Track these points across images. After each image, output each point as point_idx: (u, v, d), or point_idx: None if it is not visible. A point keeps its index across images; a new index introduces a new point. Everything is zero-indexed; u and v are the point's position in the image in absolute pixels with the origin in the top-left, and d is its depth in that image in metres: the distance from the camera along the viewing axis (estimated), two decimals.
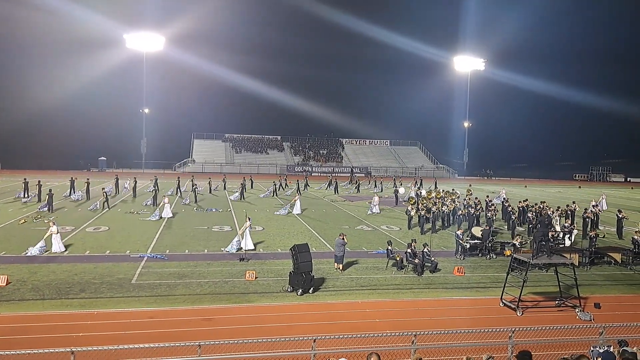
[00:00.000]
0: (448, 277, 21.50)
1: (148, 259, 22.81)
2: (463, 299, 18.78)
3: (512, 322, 15.70)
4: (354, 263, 23.15)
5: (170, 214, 35.18)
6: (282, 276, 20.25)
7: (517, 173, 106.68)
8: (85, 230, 29.53)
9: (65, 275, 19.72)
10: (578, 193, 65.29)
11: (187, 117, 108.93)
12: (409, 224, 33.51)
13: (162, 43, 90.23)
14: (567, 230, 28.03)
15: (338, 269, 21.70)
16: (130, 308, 16.41)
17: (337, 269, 21.71)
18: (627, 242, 27.72)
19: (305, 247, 19.11)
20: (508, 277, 17.93)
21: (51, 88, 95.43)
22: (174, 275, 20.25)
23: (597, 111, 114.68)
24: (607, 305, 17.96)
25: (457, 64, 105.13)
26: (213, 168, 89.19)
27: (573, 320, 16.28)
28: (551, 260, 17.64)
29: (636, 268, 24.01)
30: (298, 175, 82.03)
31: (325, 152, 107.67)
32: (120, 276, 19.91)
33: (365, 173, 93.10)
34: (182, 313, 16.16)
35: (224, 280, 19.77)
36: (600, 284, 21.22)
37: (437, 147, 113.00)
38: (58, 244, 23.81)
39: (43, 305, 16.43)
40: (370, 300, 18.16)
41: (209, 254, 24.41)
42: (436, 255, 23.78)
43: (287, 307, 17.12)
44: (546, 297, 18.88)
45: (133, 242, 26.56)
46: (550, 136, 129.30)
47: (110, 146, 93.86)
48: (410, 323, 15.60)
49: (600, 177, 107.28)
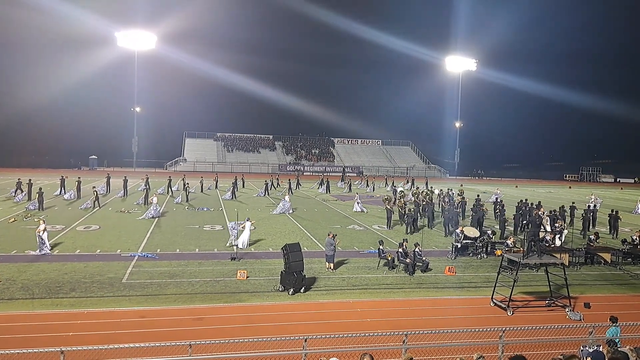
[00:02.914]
0: (439, 277, 21.55)
1: (139, 258, 22.71)
2: (454, 299, 18.84)
3: (502, 321, 15.75)
4: (345, 262, 23.16)
5: (158, 214, 34.58)
6: (273, 275, 20.22)
7: (508, 173, 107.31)
8: (76, 229, 29.37)
9: (55, 274, 19.60)
10: (568, 193, 65.65)
11: (178, 116, 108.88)
12: (389, 224, 33.57)
13: (154, 41, 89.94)
14: (557, 230, 28.17)
15: (329, 269, 21.71)
16: (120, 307, 16.32)
17: (329, 269, 21.71)
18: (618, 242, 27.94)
19: (296, 247, 19.10)
20: (499, 277, 18.00)
21: (42, 86, 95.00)
22: (164, 275, 20.17)
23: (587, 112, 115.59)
24: (596, 305, 18.07)
25: (448, 64, 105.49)
26: (205, 167, 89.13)
27: (563, 320, 16.37)
28: (541, 260, 17.73)
29: (625, 268, 24.18)
30: (290, 174, 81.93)
31: (317, 151, 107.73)
32: (110, 275, 19.81)
33: (357, 173, 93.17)
34: (173, 312, 16.10)
35: (215, 280, 19.72)
36: (590, 284, 21.34)
37: (429, 147, 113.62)
38: (43, 245, 23.39)
39: (33, 304, 16.31)
40: (362, 300, 18.17)
41: (200, 253, 24.34)
42: (427, 254, 23.85)
43: (278, 306, 17.10)
44: (536, 296, 18.97)
45: (124, 241, 26.44)
46: (541, 137, 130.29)
47: (101, 145, 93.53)
48: (401, 322, 15.62)
49: (590, 177, 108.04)
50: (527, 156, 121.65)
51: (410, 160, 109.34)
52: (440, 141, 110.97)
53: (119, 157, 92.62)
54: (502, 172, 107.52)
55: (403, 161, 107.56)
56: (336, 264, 22.13)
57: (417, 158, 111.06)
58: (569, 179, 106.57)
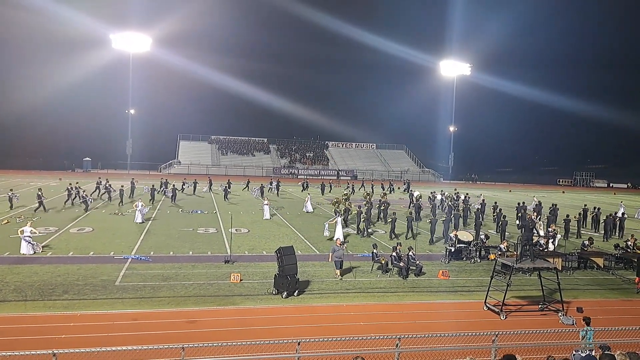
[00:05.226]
0: (433, 281, 21.59)
1: (132, 261, 22.65)
2: (447, 303, 18.86)
3: (495, 325, 15.79)
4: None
5: (140, 220, 33.03)
6: (267, 279, 20.19)
7: (502, 177, 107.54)
8: (69, 231, 29.27)
9: (48, 276, 19.53)
10: (562, 198, 65.86)
11: (173, 118, 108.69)
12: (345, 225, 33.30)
13: (149, 44, 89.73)
14: (550, 235, 28.26)
15: (337, 276, 21.32)
16: (113, 310, 16.28)
17: (336, 276, 21.35)
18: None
19: (290, 250, 19.09)
20: (492, 281, 18.05)
21: (36, 88, 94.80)
22: (158, 277, 20.13)
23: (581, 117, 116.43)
24: (589, 310, 18.11)
25: (443, 69, 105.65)
26: (199, 170, 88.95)
27: (556, 324, 16.43)
28: (535, 265, 17.80)
29: (618, 273, 24.29)
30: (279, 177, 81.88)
31: (311, 154, 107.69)
32: (104, 278, 19.75)
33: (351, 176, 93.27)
34: (166, 315, 16.08)
35: (208, 283, 19.69)
36: (583, 289, 21.42)
37: (423, 151, 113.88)
38: (26, 246, 23.30)
39: (25, 306, 16.24)
40: (355, 304, 18.18)
41: (193, 256, 24.30)
42: (421, 258, 23.90)
43: (271, 309, 17.08)
44: (529, 301, 19.03)
45: (117, 243, 26.36)
46: (534, 141, 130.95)
47: (95, 147, 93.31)
48: (394, 326, 15.64)
49: (584, 182, 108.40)
50: (521, 161, 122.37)
51: (405, 164, 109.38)
52: (434, 145, 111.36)
53: (113, 159, 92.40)
54: (495, 177, 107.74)
55: (397, 165, 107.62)
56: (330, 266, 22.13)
57: (411, 162, 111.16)
58: (562, 183, 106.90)
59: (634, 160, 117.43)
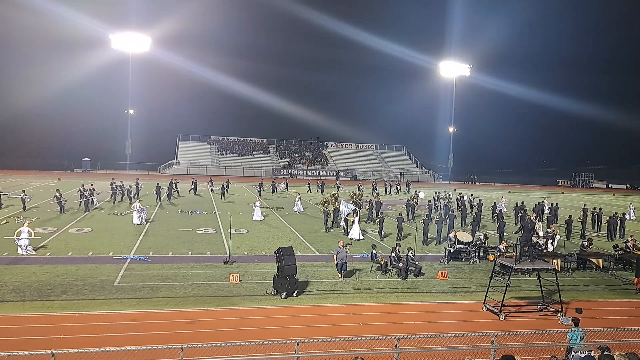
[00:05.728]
0: (432, 281, 21.58)
1: (131, 261, 22.63)
2: (446, 303, 18.84)
3: (494, 326, 15.78)
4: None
5: (137, 221, 32.64)
6: (266, 279, 20.18)
7: (501, 178, 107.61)
8: (68, 231, 29.24)
9: (47, 277, 19.51)
10: (561, 199, 65.87)
11: (172, 119, 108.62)
12: (326, 227, 33.29)
13: (148, 44, 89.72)
14: (549, 235, 28.25)
15: (340, 278, 21.20)
16: (112, 310, 16.25)
17: (340, 278, 21.21)
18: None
19: (289, 251, 19.08)
20: (491, 282, 18.04)
21: (36, 88, 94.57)
22: (157, 278, 20.11)
23: (580, 118, 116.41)
24: (588, 311, 18.12)
25: (442, 70, 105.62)
26: (198, 170, 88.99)
27: (555, 325, 16.42)
28: (534, 266, 17.79)
29: (617, 274, 24.29)
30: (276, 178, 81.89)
31: (310, 155, 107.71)
32: (102, 278, 19.73)
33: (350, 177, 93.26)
34: (165, 316, 16.06)
35: (207, 283, 19.67)
36: (582, 289, 21.41)
37: (423, 152, 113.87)
38: (20, 250, 23.25)
39: (24, 306, 16.22)
40: (354, 304, 18.16)
41: (192, 257, 24.28)
42: (420, 259, 23.89)
43: (270, 310, 17.06)
44: (529, 301, 19.02)
45: (116, 243, 26.34)
46: (534, 142, 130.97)
47: (94, 147, 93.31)
48: (393, 327, 15.63)
49: (583, 183, 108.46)
50: (520, 161, 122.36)
51: (404, 164, 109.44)
52: (433, 146, 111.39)
53: (113, 160, 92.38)
54: (495, 177, 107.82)
55: (397, 166, 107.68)
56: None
57: (410, 163, 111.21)
58: (561, 184, 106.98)
59: (633, 162, 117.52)
